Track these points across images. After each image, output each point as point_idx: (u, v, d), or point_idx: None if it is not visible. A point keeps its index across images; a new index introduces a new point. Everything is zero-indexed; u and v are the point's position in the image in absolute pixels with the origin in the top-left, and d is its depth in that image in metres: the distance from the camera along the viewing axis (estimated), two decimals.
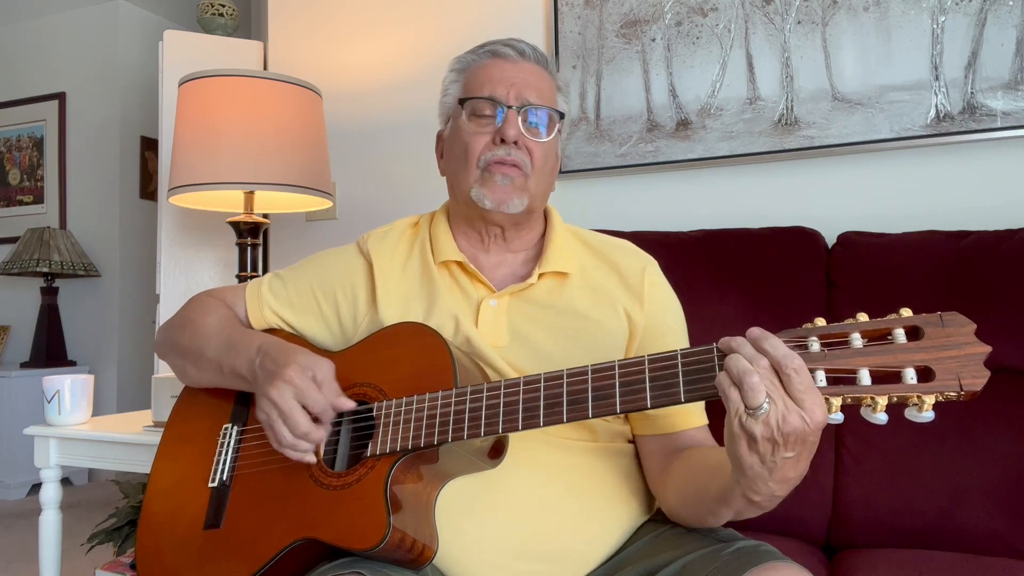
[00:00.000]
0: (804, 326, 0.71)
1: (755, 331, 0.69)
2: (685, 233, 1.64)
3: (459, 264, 1.03)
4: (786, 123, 1.74)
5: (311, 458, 0.87)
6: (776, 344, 0.67)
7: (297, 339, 1.06)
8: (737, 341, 0.69)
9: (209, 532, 0.93)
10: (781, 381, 0.66)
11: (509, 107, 0.98)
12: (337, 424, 0.95)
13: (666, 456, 0.95)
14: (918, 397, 0.65)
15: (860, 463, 1.34)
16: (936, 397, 0.64)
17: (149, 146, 4.07)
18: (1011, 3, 1.56)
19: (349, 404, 0.88)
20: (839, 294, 1.46)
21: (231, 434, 1.00)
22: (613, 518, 0.94)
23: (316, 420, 0.87)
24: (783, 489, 0.72)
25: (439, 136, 1.11)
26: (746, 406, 0.66)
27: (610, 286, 1.03)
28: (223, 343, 1.00)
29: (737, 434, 0.68)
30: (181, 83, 1.87)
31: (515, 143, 0.98)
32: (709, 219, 1.73)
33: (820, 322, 0.70)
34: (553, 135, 1.03)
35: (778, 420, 0.65)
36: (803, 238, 1.54)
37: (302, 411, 0.86)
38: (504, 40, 1.04)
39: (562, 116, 1.04)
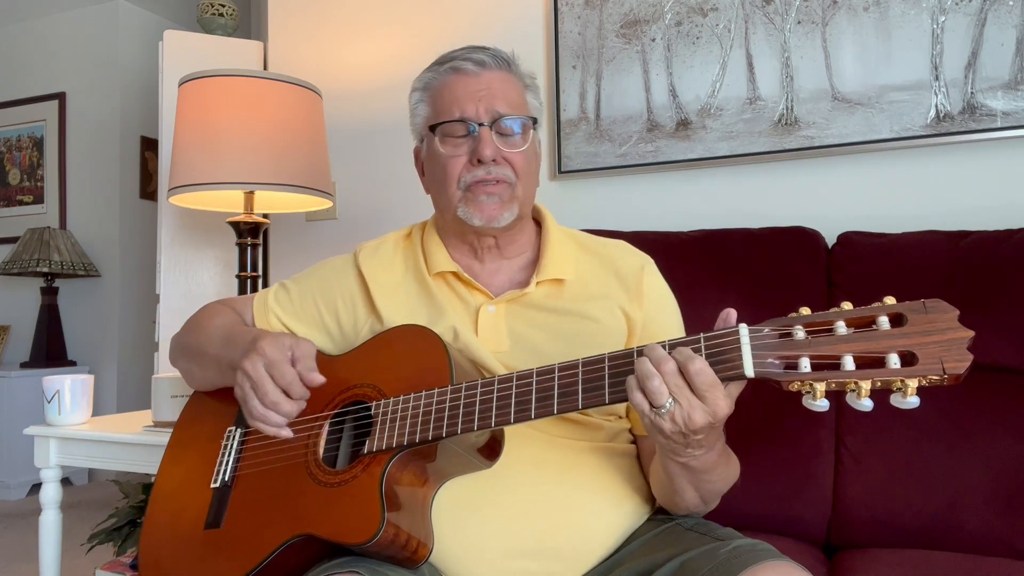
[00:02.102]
0: (789, 315, 0.72)
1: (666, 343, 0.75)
2: (685, 233, 1.64)
3: (454, 274, 1.03)
4: (786, 123, 1.74)
5: (286, 432, 0.89)
6: (681, 349, 0.73)
7: None
8: (649, 346, 0.75)
9: (209, 532, 0.94)
10: (686, 381, 0.72)
11: (481, 124, 0.97)
12: (339, 424, 0.96)
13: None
14: (902, 382, 0.66)
15: (860, 463, 1.34)
16: (919, 381, 0.65)
17: (149, 146, 4.07)
18: (1011, 3, 1.56)
19: (319, 379, 0.90)
20: (839, 294, 1.46)
21: (235, 436, 1.00)
22: (613, 517, 0.94)
23: (288, 394, 0.89)
24: (701, 449, 0.80)
25: (416, 153, 1.11)
26: (651, 405, 0.73)
27: (608, 287, 1.03)
28: (223, 340, 1.02)
29: (649, 427, 0.76)
30: (181, 83, 1.87)
31: (493, 160, 0.97)
32: (709, 219, 1.73)
33: (805, 311, 0.72)
34: (530, 141, 1.02)
35: (684, 418, 0.73)
36: (803, 238, 1.54)
37: (271, 382, 0.88)
38: (462, 53, 1.01)
39: (535, 121, 1.03)
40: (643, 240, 1.19)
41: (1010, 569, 1.15)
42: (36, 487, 3.54)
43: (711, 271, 1.53)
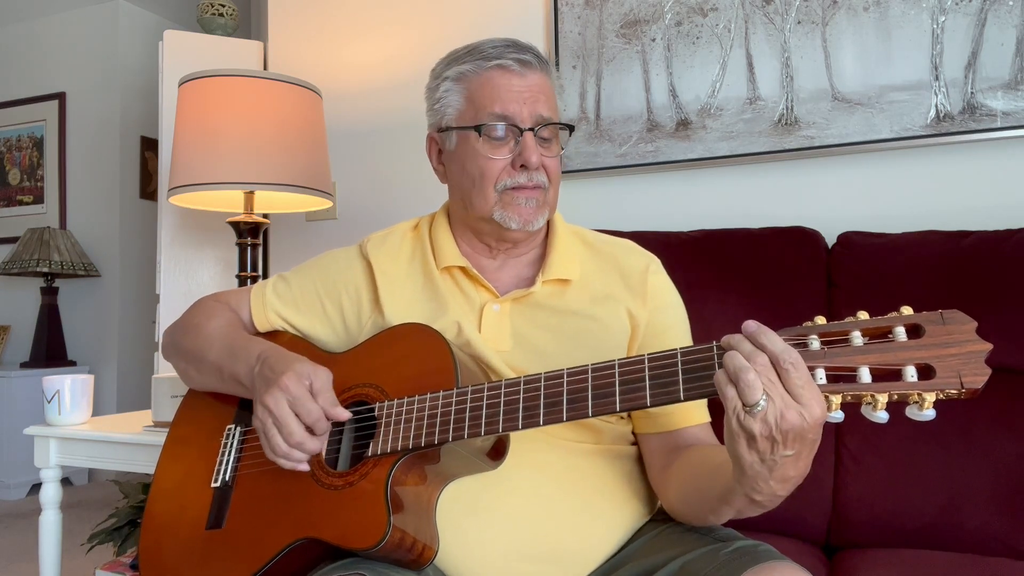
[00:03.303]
0: (804, 324, 0.71)
1: (751, 325, 0.68)
2: (685, 233, 1.64)
3: (462, 269, 1.02)
4: (786, 123, 1.74)
5: (304, 467, 0.87)
6: (773, 339, 0.67)
7: (301, 342, 1.06)
8: (736, 338, 0.69)
9: (211, 532, 0.93)
10: (780, 377, 0.66)
11: (526, 129, 0.96)
12: (339, 425, 0.95)
13: (667, 454, 0.95)
14: (919, 395, 0.64)
15: (860, 463, 1.34)
16: (937, 395, 0.64)
17: (149, 146, 4.07)
18: (1011, 3, 1.56)
19: (344, 414, 0.88)
20: (839, 294, 1.46)
21: (234, 435, 1.00)
22: (614, 519, 0.94)
23: (311, 430, 0.86)
24: (784, 488, 0.72)
25: (431, 139, 1.07)
26: (743, 403, 0.66)
27: (612, 286, 1.02)
28: (225, 349, 1.00)
29: (736, 432, 0.68)
30: (181, 83, 1.87)
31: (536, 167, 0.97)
32: (709, 219, 1.73)
33: (820, 320, 0.70)
34: (562, 147, 1.02)
35: (776, 417, 0.65)
36: (803, 238, 1.54)
37: (297, 420, 0.85)
38: (504, 49, 0.98)
39: (571, 129, 1.03)
40: (643, 240, 1.18)
41: (1010, 569, 1.15)
42: (36, 487, 3.54)
43: (711, 271, 1.53)
